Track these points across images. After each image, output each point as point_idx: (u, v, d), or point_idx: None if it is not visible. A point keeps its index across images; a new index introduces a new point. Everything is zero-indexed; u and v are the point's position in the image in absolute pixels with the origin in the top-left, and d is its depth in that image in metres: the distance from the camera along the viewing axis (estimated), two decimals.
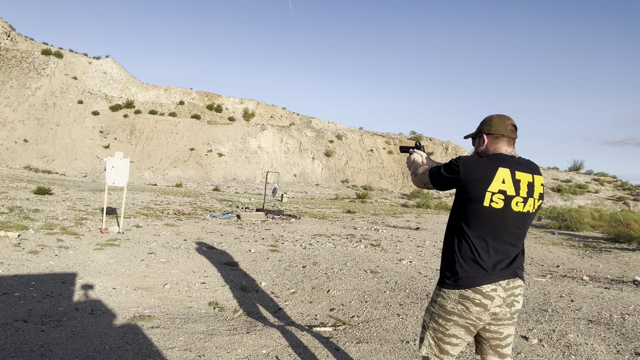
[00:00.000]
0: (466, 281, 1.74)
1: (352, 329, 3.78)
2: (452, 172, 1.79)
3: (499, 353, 1.84)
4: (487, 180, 1.72)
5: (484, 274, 1.73)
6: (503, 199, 1.73)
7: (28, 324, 3.39)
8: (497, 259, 1.76)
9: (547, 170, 51.09)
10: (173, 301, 4.46)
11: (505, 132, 1.86)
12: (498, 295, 1.74)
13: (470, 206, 1.76)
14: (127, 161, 8.28)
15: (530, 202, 1.79)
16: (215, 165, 44.36)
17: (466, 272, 1.75)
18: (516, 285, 1.79)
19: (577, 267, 7.69)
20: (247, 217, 11.89)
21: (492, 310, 1.74)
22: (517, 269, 1.80)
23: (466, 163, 1.76)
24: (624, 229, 11.11)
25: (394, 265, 6.61)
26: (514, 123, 1.89)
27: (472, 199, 1.75)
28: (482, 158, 1.80)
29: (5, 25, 52.41)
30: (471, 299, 1.73)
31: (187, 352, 3.00)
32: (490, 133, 1.88)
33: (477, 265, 1.74)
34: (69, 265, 5.30)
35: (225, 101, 58.07)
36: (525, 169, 1.81)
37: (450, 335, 1.78)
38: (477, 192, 1.73)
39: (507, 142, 1.87)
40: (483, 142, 1.91)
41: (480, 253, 1.75)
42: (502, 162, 1.77)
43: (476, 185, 1.73)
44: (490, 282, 1.73)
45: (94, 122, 47.34)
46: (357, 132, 54.76)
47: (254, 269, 6.05)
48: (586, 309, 4.46)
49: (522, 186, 1.76)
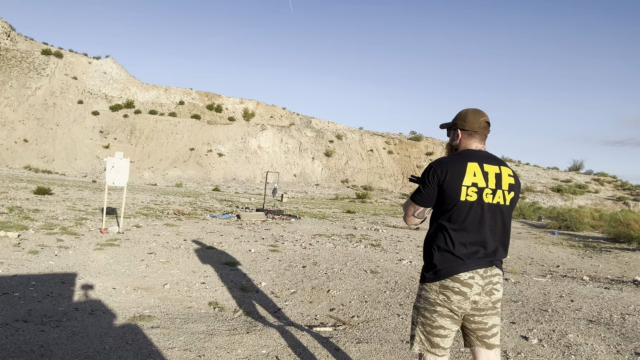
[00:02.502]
0: (445, 272, 1.83)
1: (352, 329, 3.78)
2: (430, 179, 1.86)
3: (486, 344, 1.89)
4: (460, 175, 1.82)
5: (461, 262, 1.82)
6: (476, 192, 1.82)
7: (28, 324, 3.39)
8: (473, 249, 1.83)
9: (547, 170, 51.08)
10: (173, 301, 4.46)
11: (479, 129, 1.94)
12: (476, 283, 1.81)
13: (448, 202, 1.84)
14: (127, 161, 8.28)
15: (499, 194, 1.86)
16: (215, 165, 44.37)
17: (444, 263, 1.83)
18: (494, 274, 1.86)
19: (577, 267, 7.69)
20: (247, 217, 11.89)
21: (472, 299, 1.81)
22: (495, 260, 1.86)
23: (438, 165, 1.86)
24: (624, 229, 11.11)
25: (394, 265, 6.62)
26: (488, 120, 1.97)
27: (450, 195, 1.83)
28: (451, 157, 1.91)
29: (5, 25, 52.42)
30: (451, 288, 1.81)
31: (187, 352, 3.00)
32: (464, 129, 1.96)
33: (453, 256, 1.82)
34: (69, 265, 5.30)
35: (225, 101, 58.07)
36: (491, 161, 1.90)
37: (438, 327, 1.84)
38: (453, 187, 1.81)
39: (479, 138, 1.96)
40: (457, 137, 2.00)
41: (456, 245, 1.82)
42: (470, 157, 1.87)
43: (451, 182, 1.81)
44: (467, 270, 1.81)
45: (94, 122, 47.34)
46: (357, 132, 54.76)
47: (254, 269, 6.05)
48: (586, 309, 4.45)
49: (490, 178, 1.85)
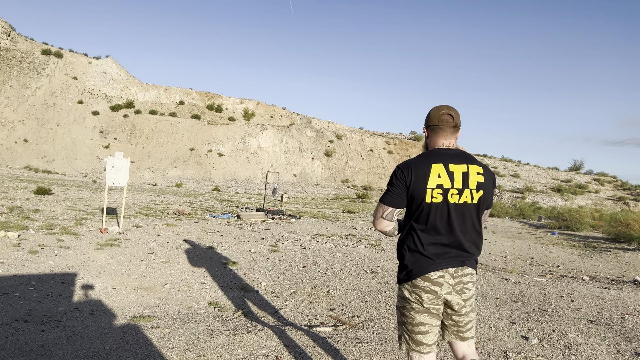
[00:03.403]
0: (415, 271, 1.85)
1: (352, 329, 3.78)
2: (398, 180, 1.85)
3: (460, 337, 1.93)
4: (424, 177, 1.80)
5: (430, 262, 1.83)
6: (441, 193, 1.81)
7: (28, 324, 3.39)
8: (443, 250, 1.84)
9: (547, 170, 51.08)
10: (173, 301, 4.46)
11: (439, 122, 1.91)
12: (446, 282, 1.83)
13: (415, 204, 1.85)
14: (127, 161, 8.28)
15: (466, 193, 1.83)
16: (215, 165, 44.37)
17: (414, 263, 1.85)
18: (465, 274, 1.87)
19: (577, 267, 7.69)
20: (247, 217, 11.89)
21: (443, 297, 1.84)
22: (465, 260, 1.87)
23: (405, 167, 1.85)
24: (624, 229, 11.10)
25: (394, 265, 6.61)
26: (450, 112, 1.91)
27: (415, 197, 1.83)
28: (416, 158, 1.89)
29: (5, 25, 52.42)
30: (421, 287, 1.83)
31: (187, 352, 3.00)
32: (427, 125, 1.96)
33: (423, 256, 1.84)
34: (69, 265, 5.30)
35: (225, 101, 58.07)
36: (458, 159, 1.86)
37: (418, 324, 1.86)
38: (419, 190, 1.81)
39: (444, 133, 1.91)
40: (425, 135, 2.02)
41: (425, 245, 1.84)
42: (435, 157, 1.85)
43: (417, 184, 1.81)
44: (437, 270, 1.83)
45: (94, 122, 47.34)
46: (357, 132, 54.76)
47: (254, 269, 6.05)
48: (586, 309, 4.45)
49: (457, 178, 1.82)
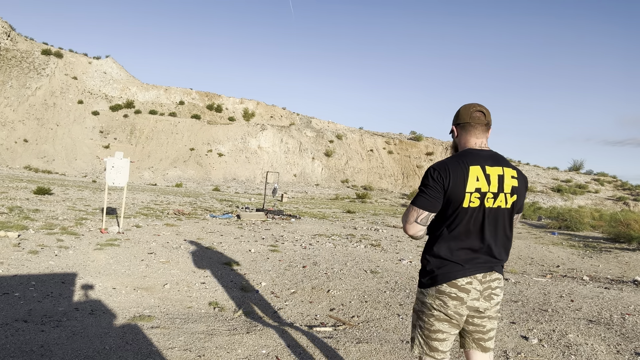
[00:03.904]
0: (441, 277, 1.78)
1: (352, 329, 3.78)
2: (435, 183, 1.75)
3: (481, 347, 1.85)
4: (463, 181, 1.73)
5: (459, 268, 1.77)
6: (479, 197, 1.75)
7: (28, 324, 3.39)
8: (472, 255, 1.78)
9: (547, 170, 51.07)
10: (173, 301, 4.46)
11: (470, 120, 1.85)
12: (474, 288, 1.77)
13: (451, 208, 1.77)
14: (127, 161, 8.28)
15: (501, 197, 1.78)
16: (215, 165, 44.36)
17: (441, 268, 1.79)
18: (493, 279, 1.81)
19: (577, 267, 7.69)
20: (247, 217, 11.89)
21: (469, 304, 1.77)
22: (494, 265, 1.81)
23: (441, 168, 1.76)
24: (624, 229, 11.11)
25: (394, 265, 6.62)
26: (482, 109, 1.86)
27: (453, 201, 1.75)
28: (451, 159, 1.80)
29: (5, 25, 52.41)
30: (447, 293, 1.76)
31: (187, 352, 3.00)
32: (457, 123, 1.90)
33: (451, 262, 1.77)
34: (69, 265, 5.30)
35: (225, 101, 58.06)
36: (493, 162, 1.80)
37: (436, 331, 1.81)
38: (457, 194, 1.73)
39: (475, 130, 1.86)
40: (454, 134, 1.94)
41: (454, 250, 1.78)
42: (471, 159, 1.78)
43: (455, 187, 1.73)
44: (465, 276, 1.76)
45: (94, 122, 47.34)
46: (357, 132, 54.75)
47: (254, 269, 6.05)
48: (586, 309, 4.45)
49: (493, 181, 1.76)
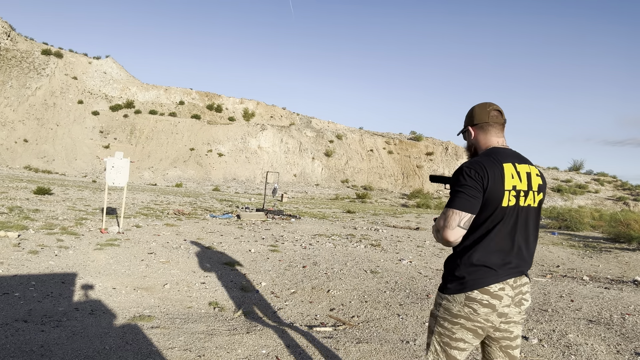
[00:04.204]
0: (472, 283, 1.65)
1: (352, 329, 3.78)
2: (473, 182, 1.62)
3: (509, 355, 1.73)
4: (501, 178, 1.64)
5: (493, 273, 1.65)
6: (515, 196, 1.67)
7: (28, 324, 3.39)
8: (505, 259, 1.68)
9: (547, 170, 51.07)
10: (173, 301, 4.46)
11: (489, 119, 1.80)
12: (506, 295, 1.66)
13: (490, 209, 1.65)
14: (127, 161, 8.28)
15: (530, 196, 1.72)
16: (215, 165, 44.36)
17: (472, 274, 1.66)
18: (523, 283, 1.72)
19: (577, 267, 7.69)
20: (247, 217, 11.89)
21: (500, 311, 1.66)
22: (524, 269, 1.73)
23: (478, 166, 1.65)
24: (624, 229, 11.10)
25: (394, 265, 6.62)
26: (498, 108, 1.82)
27: (492, 201, 1.64)
28: (482, 157, 1.71)
29: (5, 25, 52.41)
30: (478, 301, 1.64)
31: (187, 352, 3.00)
32: (474, 124, 1.83)
33: (484, 267, 1.66)
34: (69, 265, 5.30)
35: (225, 101, 58.06)
36: (519, 160, 1.76)
37: (457, 340, 1.69)
38: (497, 193, 1.63)
39: (494, 130, 1.81)
40: (470, 135, 1.86)
41: (487, 254, 1.66)
42: (501, 157, 1.71)
43: (495, 186, 1.63)
44: (498, 282, 1.65)
45: (94, 122, 47.34)
46: (357, 132, 54.74)
47: (254, 269, 6.05)
48: (586, 309, 4.45)
49: (523, 178, 1.70)
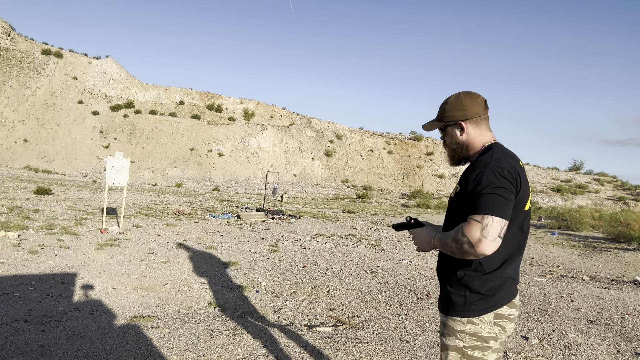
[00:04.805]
0: (501, 298, 1.48)
1: (352, 329, 3.78)
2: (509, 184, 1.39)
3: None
4: (526, 179, 1.47)
5: (515, 284, 1.53)
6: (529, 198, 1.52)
7: (28, 324, 3.39)
8: (517, 267, 1.55)
9: (547, 170, 51.06)
10: (173, 301, 4.47)
11: (482, 112, 1.57)
12: (517, 304, 1.58)
13: (515, 213, 1.44)
14: (127, 161, 8.28)
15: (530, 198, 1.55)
16: (215, 165, 44.36)
17: (501, 288, 1.48)
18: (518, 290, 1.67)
19: (577, 267, 7.69)
20: (247, 217, 11.89)
21: None
22: None
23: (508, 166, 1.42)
24: (624, 229, 11.10)
25: (394, 265, 6.62)
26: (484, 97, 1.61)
27: (519, 204, 1.44)
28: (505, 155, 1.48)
29: (5, 25, 52.40)
30: (507, 316, 1.50)
31: (187, 352, 3.00)
32: (467, 118, 1.56)
33: (509, 279, 1.50)
34: (69, 265, 5.30)
35: (225, 101, 58.06)
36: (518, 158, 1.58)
37: None
38: (525, 195, 1.45)
39: (486, 124, 1.59)
40: (463, 131, 1.58)
41: (509, 264, 1.49)
42: (511, 154, 1.53)
43: (524, 187, 1.45)
44: (517, 292, 1.55)
45: (94, 122, 47.33)
46: (357, 132, 54.74)
47: (254, 269, 6.05)
48: (586, 309, 4.45)
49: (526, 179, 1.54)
